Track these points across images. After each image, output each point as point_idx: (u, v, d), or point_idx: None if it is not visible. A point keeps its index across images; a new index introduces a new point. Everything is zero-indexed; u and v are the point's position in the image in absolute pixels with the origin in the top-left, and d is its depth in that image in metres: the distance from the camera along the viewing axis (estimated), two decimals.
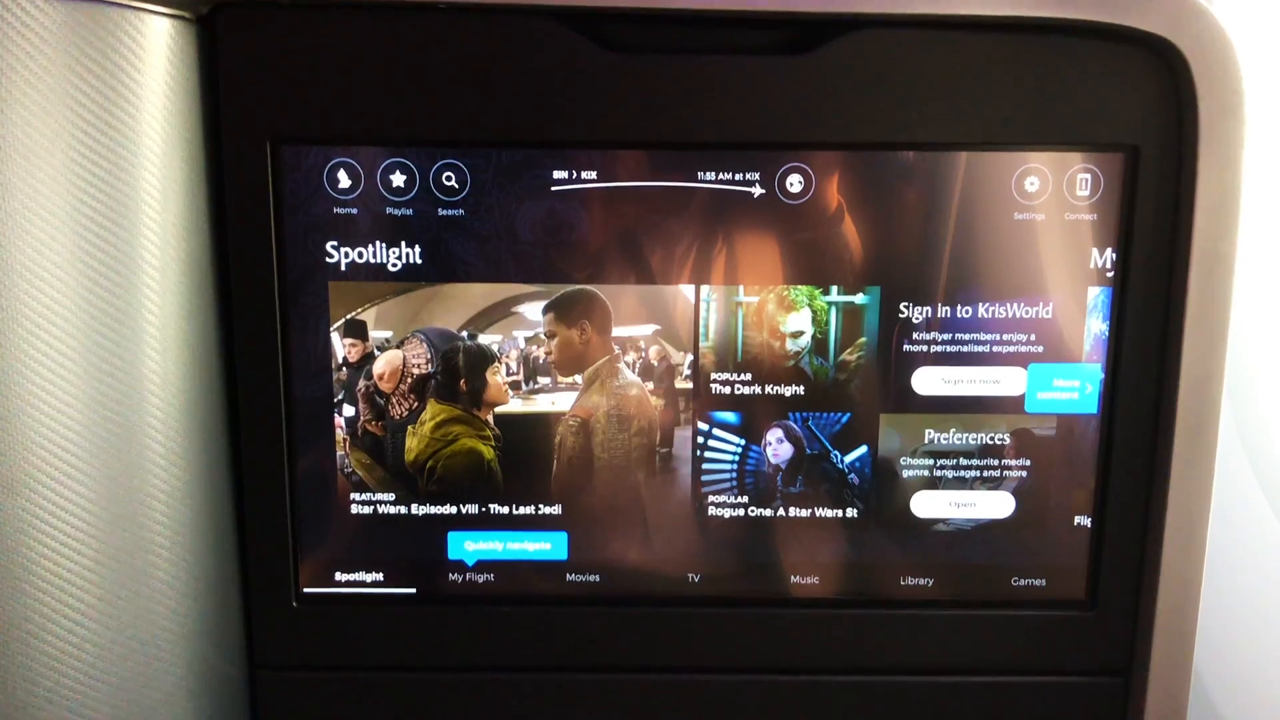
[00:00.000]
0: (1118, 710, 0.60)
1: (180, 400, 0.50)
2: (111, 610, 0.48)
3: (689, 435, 0.57)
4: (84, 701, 0.47)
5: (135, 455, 0.48)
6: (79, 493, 0.46)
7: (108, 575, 0.47)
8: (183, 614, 0.51)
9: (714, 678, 0.59)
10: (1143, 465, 0.57)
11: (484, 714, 0.59)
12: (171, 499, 0.50)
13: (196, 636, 0.53)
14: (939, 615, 0.59)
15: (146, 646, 0.50)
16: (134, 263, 0.47)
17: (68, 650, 0.46)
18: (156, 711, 0.50)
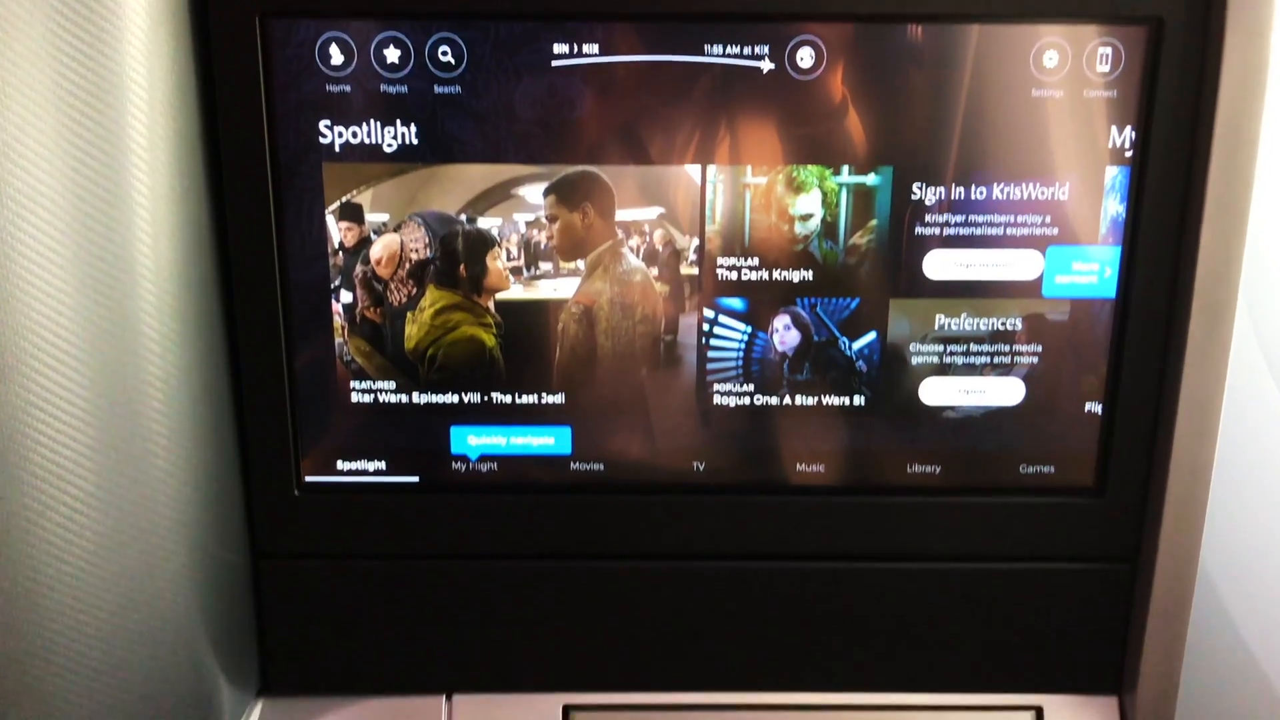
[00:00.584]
0: (1123, 597, 0.60)
1: (174, 285, 0.49)
2: (110, 498, 0.47)
3: (694, 322, 0.56)
4: (86, 588, 0.46)
5: (129, 341, 0.47)
6: (72, 379, 0.45)
7: (105, 463, 0.46)
8: (183, 502, 0.51)
9: (718, 565, 0.59)
10: (1156, 350, 0.56)
11: (487, 602, 0.59)
12: (168, 386, 0.49)
13: (198, 525, 0.52)
14: (945, 503, 0.58)
15: (147, 535, 0.49)
16: (121, 142, 0.45)
17: (67, 538, 0.46)
18: (160, 599, 0.50)
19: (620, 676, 0.61)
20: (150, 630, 0.49)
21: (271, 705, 0.59)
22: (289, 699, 0.60)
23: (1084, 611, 0.60)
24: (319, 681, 0.60)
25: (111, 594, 0.48)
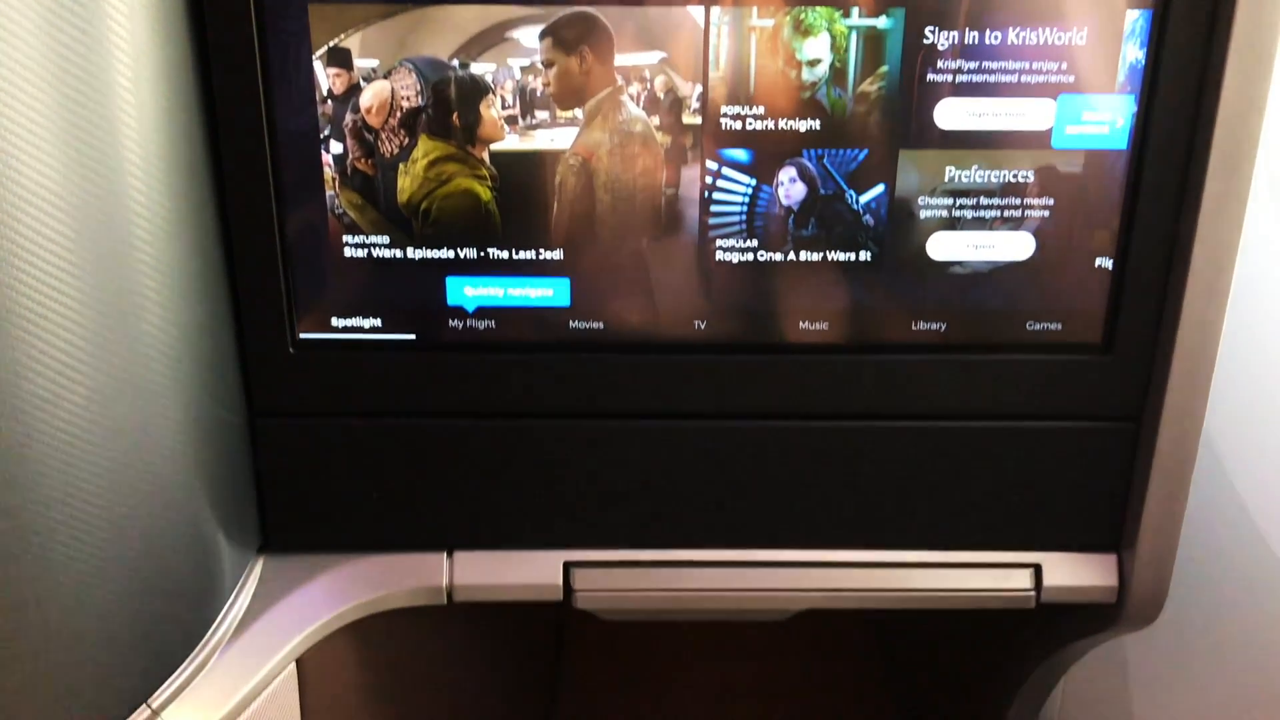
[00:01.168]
0: (1126, 455, 0.60)
1: (158, 135, 0.47)
2: (101, 352, 0.46)
3: (696, 175, 0.54)
4: (80, 444, 0.46)
5: (113, 192, 0.45)
6: (57, 230, 0.43)
7: (94, 316, 0.45)
8: (176, 358, 0.50)
9: (719, 424, 0.59)
10: (1171, 204, 0.54)
11: (487, 460, 0.59)
12: (155, 239, 0.48)
13: (192, 382, 0.51)
14: (950, 360, 0.58)
15: (140, 390, 0.48)
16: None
17: (59, 393, 0.45)
18: (156, 455, 0.50)
19: (621, 534, 0.61)
20: (148, 487, 0.49)
21: (273, 562, 0.60)
22: (290, 556, 0.60)
23: (1086, 470, 0.60)
24: (319, 539, 0.60)
25: (107, 449, 0.47)
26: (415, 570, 0.60)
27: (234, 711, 0.55)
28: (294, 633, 0.57)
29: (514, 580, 0.61)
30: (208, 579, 0.54)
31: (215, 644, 0.55)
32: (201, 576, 0.54)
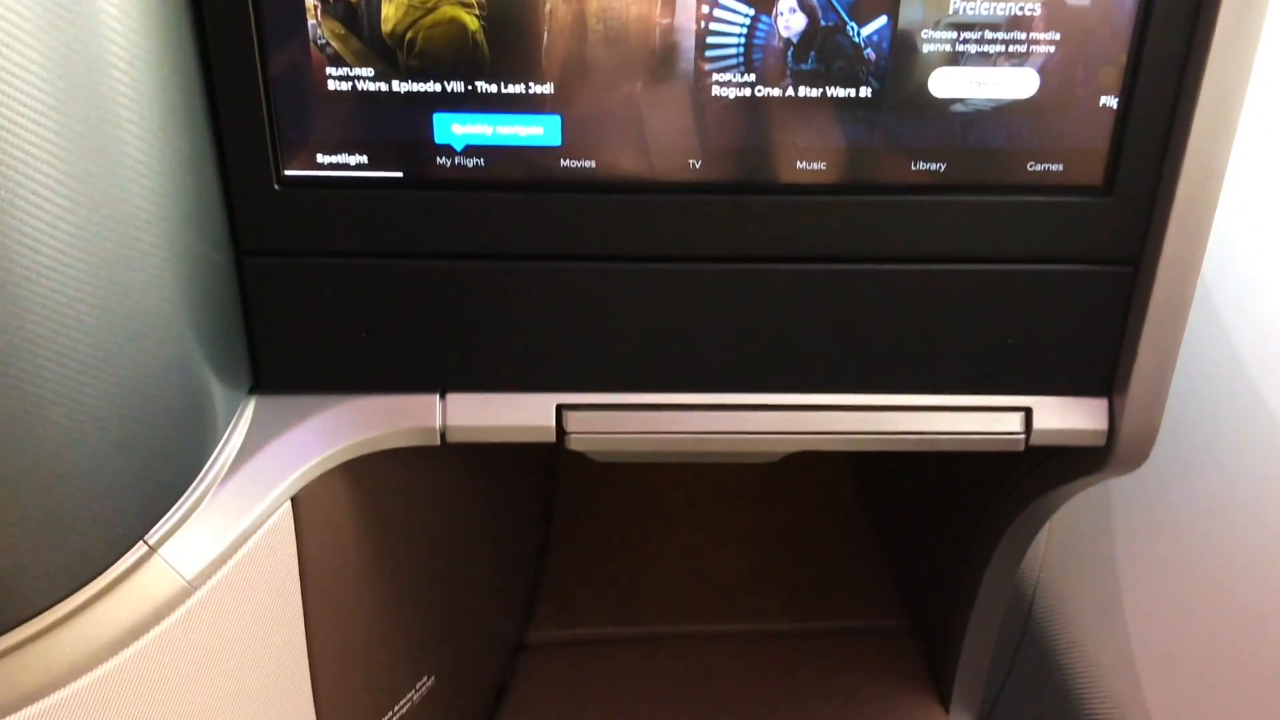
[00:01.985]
0: (1122, 300, 0.59)
1: None
2: (81, 186, 0.45)
3: (693, 3, 0.52)
4: (66, 280, 0.45)
5: (87, 15, 0.43)
6: (28, 56, 0.42)
7: (72, 149, 0.44)
8: (159, 194, 0.49)
9: (713, 266, 0.58)
10: (1181, 39, 0.52)
11: (479, 302, 0.58)
12: (133, 69, 0.46)
13: (176, 219, 0.50)
14: (948, 201, 0.57)
15: (123, 226, 0.47)
16: None
17: (40, 228, 0.44)
18: (143, 293, 0.49)
19: (614, 377, 0.61)
20: (135, 324, 0.49)
21: (264, 403, 0.59)
22: (282, 397, 0.60)
23: (1081, 314, 0.60)
24: (311, 380, 0.60)
25: (92, 286, 0.46)
26: (408, 411, 0.60)
27: (231, 548, 0.56)
28: (288, 471, 0.58)
29: (507, 422, 0.61)
30: (200, 417, 0.54)
31: (210, 482, 0.56)
32: (193, 414, 0.54)
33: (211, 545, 0.55)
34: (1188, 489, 0.78)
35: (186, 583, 0.54)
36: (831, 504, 1.20)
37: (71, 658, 0.51)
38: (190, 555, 0.54)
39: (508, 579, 1.00)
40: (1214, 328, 0.74)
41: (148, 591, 0.53)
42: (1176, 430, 0.75)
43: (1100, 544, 0.89)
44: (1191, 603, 0.76)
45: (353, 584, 0.65)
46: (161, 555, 0.53)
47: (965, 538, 0.82)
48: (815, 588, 1.06)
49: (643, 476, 1.25)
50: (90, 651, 0.52)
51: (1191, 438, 0.76)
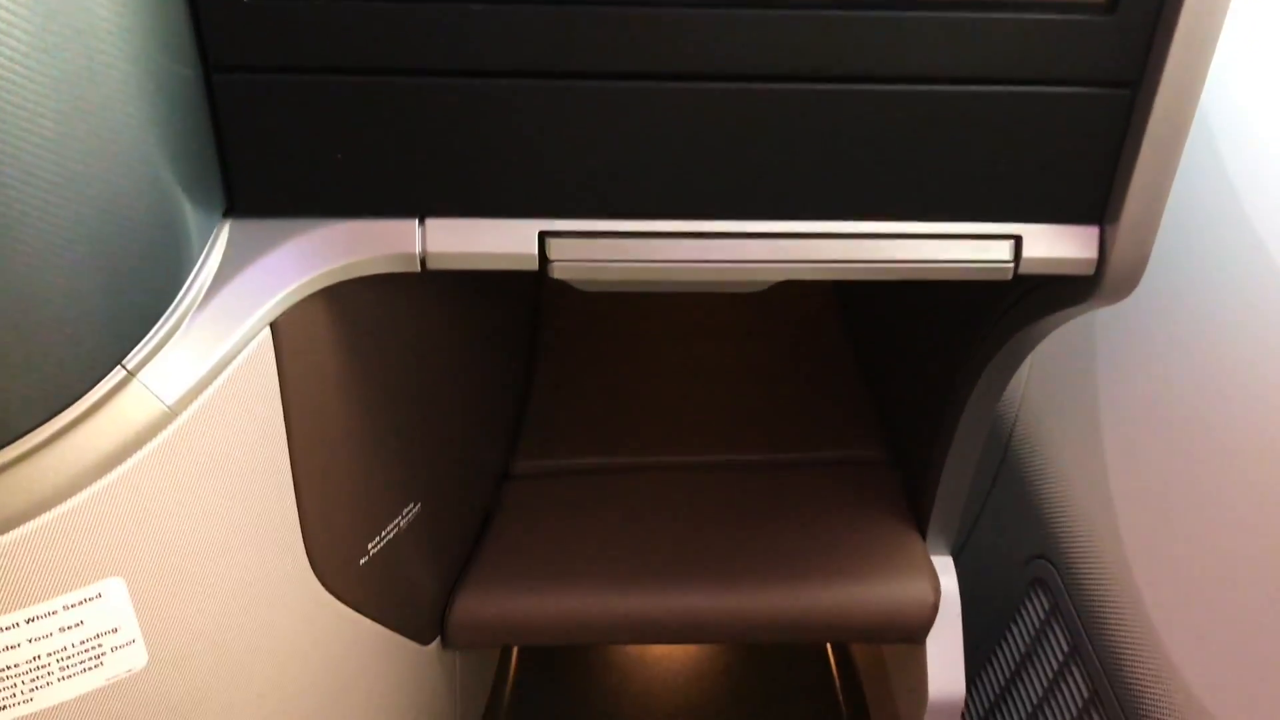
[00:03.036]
0: (1119, 124, 0.58)
1: None
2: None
3: None
4: (22, 94, 0.43)
5: None
6: None
7: None
8: (121, 4, 0.46)
9: (699, 86, 0.56)
10: None
11: (460, 123, 0.56)
12: None
13: (140, 31, 0.48)
14: (945, 19, 0.54)
15: (84, 37, 0.45)
16: None
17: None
18: (107, 109, 0.47)
19: (598, 203, 0.60)
20: (101, 143, 0.47)
21: (240, 226, 0.58)
22: (257, 221, 0.58)
23: (1076, 139, 0.58)
24: (286, 203, 0.58)
25: (54, 101, 0.44)
26: (387, 237, 0.59)
27: (211, 374, 0.55)
28: (266, 297, 0.57)
29: (488, 249, 0.60)
30: (173, 240, 0.53)
31: (186, 307, 0.55)
32: (167, 237, 0.52)
33: (191, 370, 0.54)
34: (1173, 322, 0.78)
35: (167, 408, 0.53)
36: (815, 338, 1.20)
37: (54, 482, 0.51)
38: (170, 380, 0.54)
39: (492, 409, 1.01)
40: (1209, 156, 0.73)
41: (128, 416, 0.52)
42: (1165, 261, 0.75)
43: (1081, 377, 0.89)
44: (1170, 436, 0.77)
45: (336, 411, 0.65)
46: (140, 380, 0.52)
47: (948, 370, 0.82)
48: (797, 420, 1.07)
49: (626, 310, 1.25)
50: (72, 476, 0.52)
51: (1180, 269, 0.75)
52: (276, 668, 0.67)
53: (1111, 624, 0.81)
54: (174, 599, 0.58)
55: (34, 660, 0.55)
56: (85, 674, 0.57)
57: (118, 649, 0.58)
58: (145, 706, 0.60)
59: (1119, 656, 0.80)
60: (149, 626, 0.58)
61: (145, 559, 0.56)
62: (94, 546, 0.54)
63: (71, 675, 0.57)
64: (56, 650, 0.56)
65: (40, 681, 0.56)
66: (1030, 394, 0.98)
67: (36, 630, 0.55)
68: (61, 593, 0.54)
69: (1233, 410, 0.71)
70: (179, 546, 0.57)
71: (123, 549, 0.55)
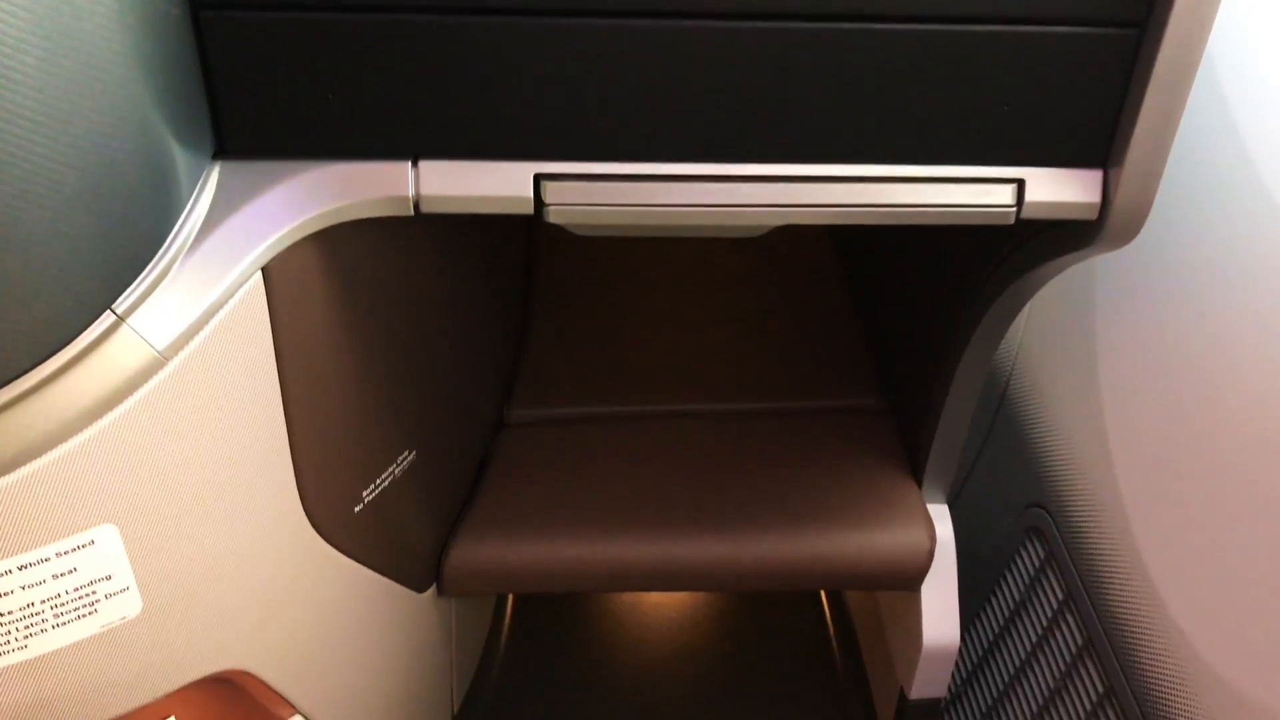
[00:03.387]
0: (1125, 66, 0.57)
1: None
2: None
3: None
4: (4, 27, 0.42)
5: None
6: None
7: None
8: None
9: (696, 24, 0.55)
10: None
11: (447, 61, 0.55)
12: None
13: None
14: None
15: None
16: None
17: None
18: (93, 47, 0.46)
19: (595, 146, 0.59)
20: (86, 82, 0.46)
21: (229, 169, 0.57)
22: (247, 163, 0.57)
23: (1080, 80, 0.57)
24: (276, 144, 0.57)
25: (36, 39, 0.43)
26: (379, 179, 0.58)
27: (202, 319, 0.54)
28: (257, 241, 0.56)
29: (483, 192, 0.59)
30: (162, 181, 0.52)
31: (177, 250, 0.54)
32: (155, 178, 0.51)
33: (182, 315, 0.54)
34: (1175, 269, 0.77)
35: (158, 353, 0.53)
36: (813, 285, 1.19)
37: (45, 428, 0.51)
38: (160, 325, 0.53)
39: (487, 356, 1.00)
40: (1215, 100, 0.72)
41: (119, 361, 0.52)
42: (1168, 207, 0.74)
43: (1080, 324, 0.89)
44: (1169, 385, 0.77)
45: (330, 357, 0.64)
46: (130, 325, 0.52)
47: (946, 316, 0.82)
48: (794, 368, 1.07)
49: (623, 256, 1.24)
50: (63, 422, 0.51)
51: (1184, 215, 0.75)
52: (272, 614, 0.67)
53: (1106, 572, 0.82)
54: (167, 546, 0.58)
55: (27, 607, 0.55)
56: (79, 621, 0.57)
57: (112, 596, 0.57)
58: (140, 654, 0.60)
59: (1113, 604, 0.80)
60: (143, 573, 0.58)
61: (138, 506, 0.56)
62: (86, 493, 0.53)
63: (66, 622, 0.56)
64: (50, 597, 0.55)
65: (35, 629, 0.56)
66: (1028, 341, 0.98)
67: (29, 577, 0.54)
68: (54, 540, 0.54)
69: (1233, 359, 0.70)
70: (172, 494, 0.57)
71: (115, 496, 0.55)
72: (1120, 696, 0.78)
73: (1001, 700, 0.99)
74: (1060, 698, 0.88)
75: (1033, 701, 0.93)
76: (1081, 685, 0.85)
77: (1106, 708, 0.81)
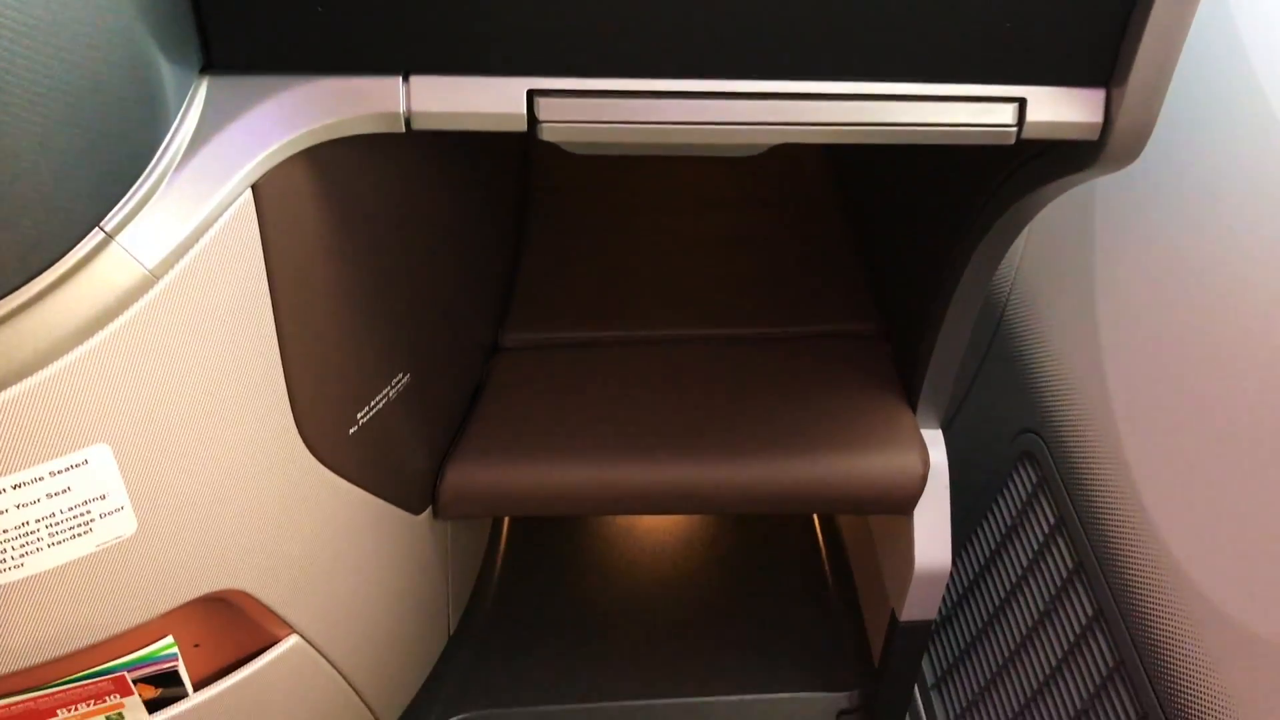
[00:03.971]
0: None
1: None
2: None
3: None
4: None
5: None
6: None
7: None
8: None
9: None
10: None
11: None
12: None
13: None
14: None
15: None
16: None
17: None
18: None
19: (590, 61, 0.57)
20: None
21: (218, 84, 0.56)
22: (235, 78, 0.56)
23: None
24: (264, 58, 0.56)
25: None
26: (370, 94, 0.57)
27: (192, 237, 0.54)
28: (246, 157, 0.55)
29: (475, 108, 0.58)
30: (149, 95, 0.51)
31: (165, 167, 0.53)
32: (142, 92, 0.50)
33: (171, 233, 0.53)
34: (1177, 192, 0.76)
35: (148, 271, 0.52)
36: (810, 209, 1.18)
37: (35, 347, 0.50)
38: (150, 243, 0.52)
39: (481, 278, 1.00)
40: (1222, 17, 0.70)
41: (109, 279, 0.51)
42: (1170, 127, 0.73)
43: (1079, 248, 0.88)
44: (1167, 311, 0.76)
45: (322, 277, 0.64)
46: (119, 242, 0.51)
47: (944, 240, 0.81)
48: (790, 293, 1.06)
49: (618, 178, 1.23)
50: (54, 341, 0.51)
51: (1187, 136, 0.74)
52: (268, 535, 0.67)
53: (1098, 497, 0.82)
54: (162, 466, 0.58)
55: (22, 526, 0.55)
56: (75, 540, 0.57)
57: (106, 515, 0.57)
58: (136, 573, 0.61)
59: (1105, 528, 0.80)
60: (137, 493, 0.58)
61: (131, 426, 0.55)
62: (78, 413, 0.53)
63: (61, 541, 0.57)
64: (45, 516, 0.55)
65: (30, 547, 0.56)
66: (1026, 266, 0.97)
67: (23, 496, 0.54)
68: (47, 459, 0.54)
69: (1233, 283, 0.70)
70: (165, 413, 0.57)
71: (107, 415, 0.54)
72: (1109, 619, 0.79)
73: (991, 623, 1.00)
74: (1049, 620, 0.89)
75: (1022, 624, 0.94)
76: (1071, 608, 0.85)
77: (1095, 630, 0.81)
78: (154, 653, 0.67)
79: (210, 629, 0.70)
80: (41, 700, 0.65)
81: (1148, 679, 0.73)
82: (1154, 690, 0.72)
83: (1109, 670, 0.79)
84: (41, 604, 0.58)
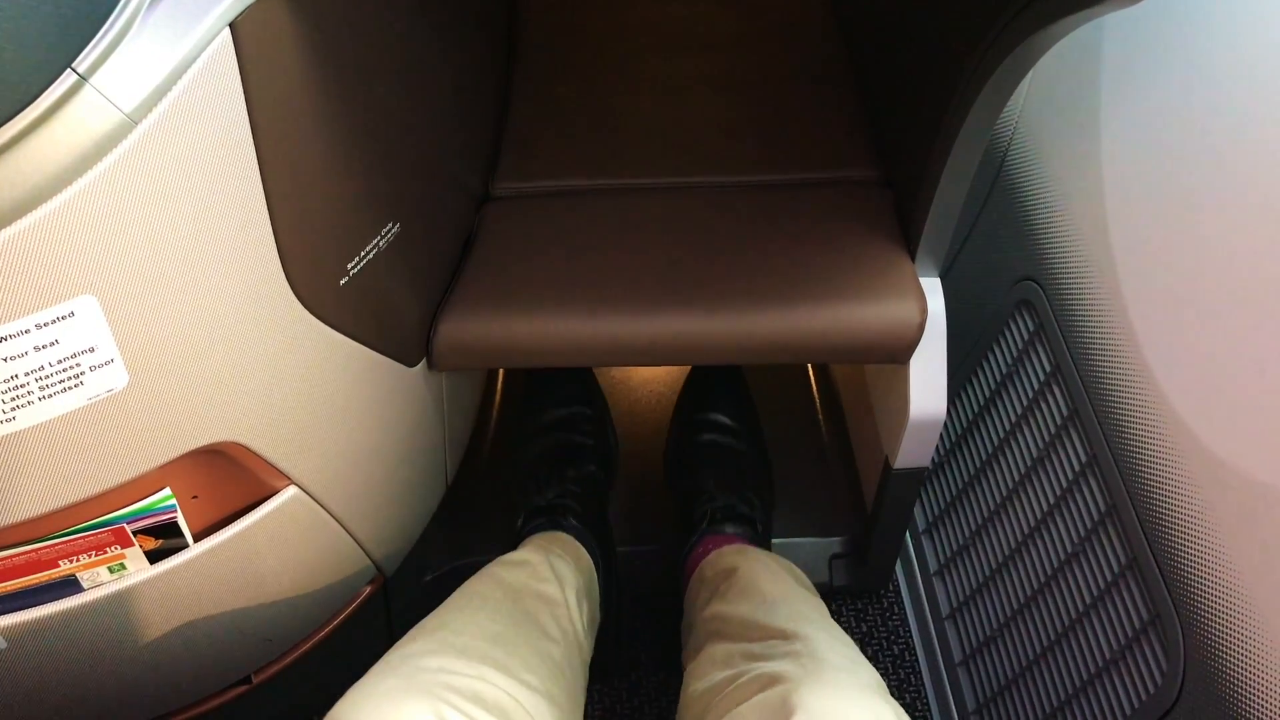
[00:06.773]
0: None
1: None
2: None
3: None
4: None
5: None
6: None
7: None
8: None
9: None
10: None
11: None
12: None
13: None
14: None
15: None
16: None
17: None
18: None
19: None
20: None
21: None
22: None
23: None
24: None
25: None
26: None
27: (169, 79, 0.51)
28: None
29: None
30: None
31: (137, 4, 0.50)
32: None
33: (148, 75, 0.51)
34: (1185, 33, 0.74)
35: (125, 115, 0.50)
36: (808, 50, 1.15)
37: (12, 195, 0.49)
38: (125, 85, 0.50)
39: (469, 128, 0.97)
40: None
41: (85, 124, 0.49)
42: None
43: (1084, 92, 0.86)
44: (1171, 158, 0.74)
45: (305, 120, 0.62)
46: (93, 85, 0.49)
47: (947, 83, 0.79)
48: (789, 139, 1.03)
49: (609, 18, 1.18)
50: (31, 189, 0.49)
51: None
52: (261, 388, 0.66)
53: (1095, 344, 0.81)
54: (150, 318, 0.57)
55: (11, 379, 0.54)
56: (65, 393, 0.56)
57: (96, 368, 0.56)
58: (130, 426, 0.60)
59: (1100, 375, 0.80)
60: (127, 346, 0.57)
61: (116, 276, 0.54)
62: (61, 263, 0.52)
63: (51, 395, 0.56)
64: (34, 370, 0.55)
65: (20, 401, 0.55)
66: (1028, 111, 0.95)
67: (10, 349, 0.53)
68: (33, 311, 0.53)
69: (1239, 132, 0.68)
70: (150, 263, 0.55)
71: (92, 266, 0.53)
72: (1102, 465, 0.79)
73: (984, 470, 1.01)
74: (1042, 467, 0.90)
75: (1015, 471, 0.95)
76: (1064, 455, 0.86)
77: (1088, 476, 0.82)
78: (153, 504, 0.67)
79: (208, 481, 0.70)
80: (43, 551, 0.65)
81: (1139, 523, 0.74)
82: (1144, 533, 0.73)
83: (1100, 515, 0.80)
84: (35, 457, 0.58)
